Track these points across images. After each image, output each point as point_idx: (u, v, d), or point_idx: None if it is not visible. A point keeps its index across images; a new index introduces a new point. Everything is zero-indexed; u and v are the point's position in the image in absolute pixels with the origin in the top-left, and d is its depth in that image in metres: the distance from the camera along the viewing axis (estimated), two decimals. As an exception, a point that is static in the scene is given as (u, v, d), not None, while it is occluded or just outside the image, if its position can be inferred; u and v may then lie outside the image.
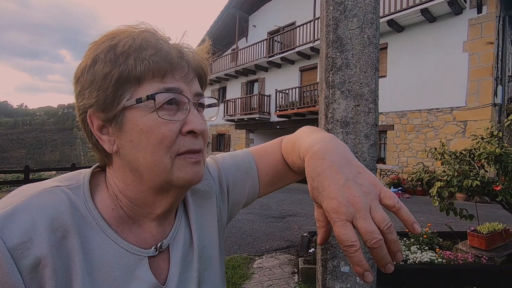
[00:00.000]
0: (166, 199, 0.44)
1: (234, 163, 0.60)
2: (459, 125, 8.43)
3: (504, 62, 8.49)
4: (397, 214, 0.38)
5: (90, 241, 0.39)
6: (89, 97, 0.40)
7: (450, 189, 2.91)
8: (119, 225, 0.43)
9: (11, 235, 0.33)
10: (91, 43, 0.42)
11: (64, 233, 0.37)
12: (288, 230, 5.23)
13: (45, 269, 0.34)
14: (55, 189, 0.39)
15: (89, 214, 0.40)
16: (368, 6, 0.55)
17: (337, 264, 0.56)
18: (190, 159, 0.42)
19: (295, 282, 3.24)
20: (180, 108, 0.41)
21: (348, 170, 0.39)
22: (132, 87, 0.39)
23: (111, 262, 0.40)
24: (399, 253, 0.37)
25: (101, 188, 0.44)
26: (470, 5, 8.33)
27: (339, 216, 0.36)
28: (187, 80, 0.43)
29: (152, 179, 0.41)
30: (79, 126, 0.45)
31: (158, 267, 0.44)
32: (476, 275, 2.97)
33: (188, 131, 0.41)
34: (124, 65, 0.39)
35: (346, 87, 0.56)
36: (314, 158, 0.42)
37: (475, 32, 8.22)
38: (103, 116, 0.40)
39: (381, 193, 0.38)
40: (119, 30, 0.42)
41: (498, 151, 2.72)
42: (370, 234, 0.35)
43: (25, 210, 0.35)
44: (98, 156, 0.44)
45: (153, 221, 0.45)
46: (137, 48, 0.39)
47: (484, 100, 8.01)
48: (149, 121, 0.39)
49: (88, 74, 0.40)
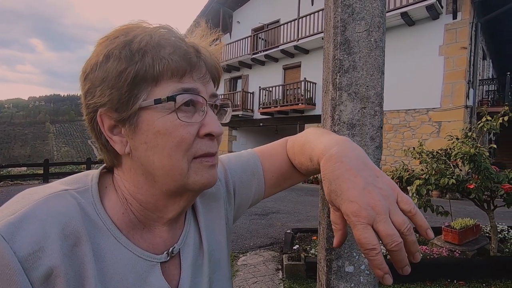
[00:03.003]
0: (178, 203, 0.43)
1: (240, 164, 0.59)
2: (434, 125, 8.83)
3: (475, 66, 8.96)
4: (412, 219, 0.39)
5: (101, 248, 0.37)
6: (101, 96, 0.38)
7: (428, 187, 3.05)
8: (130, 230, 0.41)
9: (22, 244, 0.31)
10: (102, 38, 0.39)
11: (76, 240, 0.34)
12: (271, 227, 5.27)
13: (57, 280, 0.32)
14: (63, 193, 0.36)
15: (99, 219, 0.38)
16: (376, 9, 0.56)
17: (341, 264, 0.57)
18: (207, 162, 0.41)
19: (279, 279, 3.28)
20: (196, 110, 0.40)
21: (367, 173, 0.40)
22: (148, 86, 0.38)
23: (123, 269, 0.38)
24: (417, 253, 0.38)
25: (110, 191, 0.42)
26: (446, 11, 8.70)
27: (360, 219, 0.36)
28: (204, 80, 0.41)
29: (167, 183, 0.39)
30: (51, 119, 0.42)
31: (169, 272, 0.43)
32: (450, 268, 3.14)
33: (206, 134, 0.40)
34: (141, 63, 0.37)
35: (353, 89, 0.56)
36: (332, 161, 0.42)
37: (450, 37, 8.62)
38: (116, 116, 0.38)
39: (398, 197, 0.39)
40: (132, 25, 0.40)
41: (472, 151, 2.87)
42: (391, 237, 0.35)
43: (35, 217, 0.32)
44: (107, 157, 0.42)
45: (164, 226, 0.44)
46: (154, 45, 0.37)
47: (457, 102, 8.43)
48: (166, 123, 0.38)
49: (99, 70, 0.37)
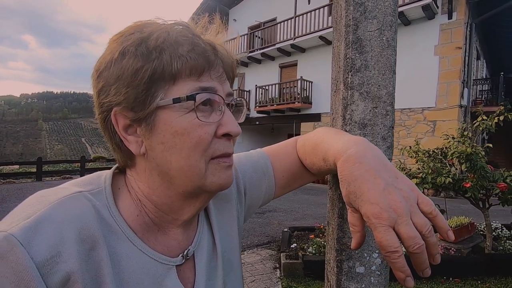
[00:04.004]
0: (194, 205, 0.42)
1: (251, 164, 0.58)
2: (429, 124, 8.91)
3: (470, 66, 9.06)
4: (433, 221, 0.38)
5: (117, 252, 0.36)
6: (116, 94, 0.36)
7: (425, 185, 3.08)
8: (145, 233, 0.40)
9: (39, 249, 0.29)
10: (115, 34, 0.38)
11: (93, 244, 0.33)
12: (268, 226, 5.27)
13: (75, 286, 0.31)
14: (78, 195, 0.35)
15: (114, 222, 0.37)
16: (388, 8, 0.55)
17: (352, 265, 0.57)
18: (224, 163, 0.40)
19: (277, 277, 3.29)
20: (213, 109, 0.39)
21: (387, 174, 0.39)
22: (166, 85, 0.36)
23: (139, 273, 0.37)
24: (438, 255, 0.37)
25: (123, 192, 0.41)
26: (442, 11, 8.78)
27: (381, 221, 0.36)
28: (221, 79, 0.40)
29: (184, 184, 0.39)
30: (44, 117, 0.40)
31: (184, 275, 0.42)
32: (446, 265, 3.17)
33: (224, 134, 0.39)
34: (158, 60, 0.36)
35: (364, 89, 0.56)
36: (350, 162, 0.41)
37: (445, 37, 8.69)
38: (132, 115, 0.37)
39: (419, 198, 0.38)
40: (147, 22, 0.39)
41: (469, 151, 2.91)
42: (413, 239, 0.35)
43: (51, 221, 0.31)
44: (120, 157, 0.41)
45: (178, 228, 0.43)
46: (172, 42, 0.36)
47: (452, 101, 8.52)
48: (184, 123, 0.37)
49: (114, 68, 0.36)
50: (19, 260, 0.28)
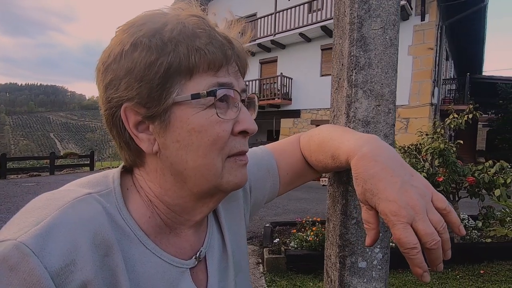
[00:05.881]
0: (208, 205, 0.40)
1: (255, 162, 0.57)
2: (402, 121, 9.32)
3: (440, 66, 9.56)
4: (446, 217, 0.39)
5: (130, 256, 0.34)
6: (127, 89, 0.34)
7: (402, 180, 3.21)
8: (157, 235, 0.38)
9: (52, 258, 0.27)
10: (124, 24, 0.35)
11: (107, 249, 0.31)
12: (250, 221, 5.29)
13: None
14: (88, 198, 0.33)
15: (126, 225, 0.35)
16: (391, 7, 0.56)
17: (355, 261, 0.58)
18: (240, 161, 0.39)
19: (260, 272, 3.31)
20: (229, 106, 0.37)
21: (403, 172, 0.40)
22: (182, 79, 0.34)
23: (154, 277, 0.35)
24: (449, 251, 0.39)
25: (132, 193, 0.38)
26: (415, 13, 9.16)
27: (400, 219, 0.36)
28: (237, 75, 0.39)
29: (199, 184, 0.37)
30: (7, 110, 0.37)
31: (197, 278, 0.41)
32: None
33: (240, 131, 0.38)
34: (174, 53, 0.33)
35: (368, 87, 0.56)
36: (365, 160, 0.41)
37: (418, 38, 9.09)
38: (145, 111, 0.35)
39: (433, 195, 0.39)
40: (158, 12, 0.36)
41: (442, 147, 3.07)
42: (430, 236, 0.36)
43: (63, 226, 0.29)
44: (128, 156, 0.38)
45: (190, 229, 0.41)
46: (189, 35, 0.34)
47: (424, 100, 8.96)
48: (201, 120, 0.35)
49: (125, 60, 0.34)
50: (32, 271, 0.25)
